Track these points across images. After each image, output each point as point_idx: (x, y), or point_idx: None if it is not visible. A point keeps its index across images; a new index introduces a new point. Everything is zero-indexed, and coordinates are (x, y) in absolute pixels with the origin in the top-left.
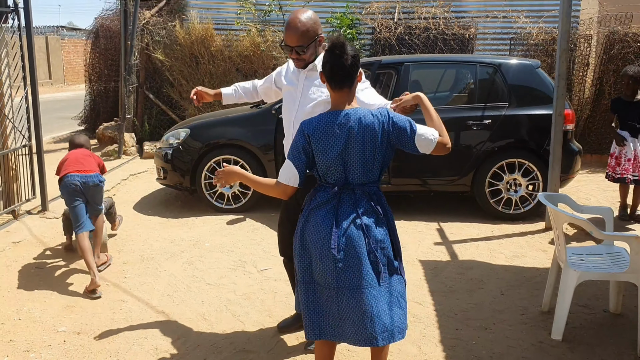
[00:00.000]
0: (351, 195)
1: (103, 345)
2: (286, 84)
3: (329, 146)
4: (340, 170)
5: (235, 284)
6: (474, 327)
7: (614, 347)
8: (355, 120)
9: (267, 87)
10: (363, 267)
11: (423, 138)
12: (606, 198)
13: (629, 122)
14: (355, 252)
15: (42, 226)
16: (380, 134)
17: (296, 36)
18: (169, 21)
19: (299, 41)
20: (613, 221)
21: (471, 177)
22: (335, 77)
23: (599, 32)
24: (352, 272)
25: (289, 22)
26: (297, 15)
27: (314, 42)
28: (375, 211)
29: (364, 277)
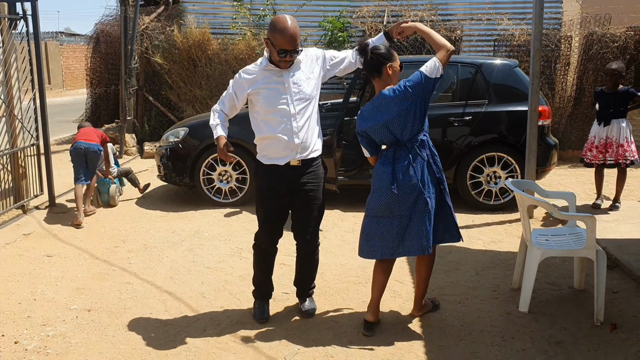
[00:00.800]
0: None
1: (112, 319)
2: (261, 87)
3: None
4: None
5: (232, 268)
6: (449, 301)
7: (574, 317)
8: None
9: (232, 106)
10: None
11: (432, 69)
12: (584, 190)
13: (605, 111)
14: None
15: (49, 220)
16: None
17: (295, 40)
18: (168, 26)
19: (297, 45)
20: (575, 205)
21: (454, 171)
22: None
23: (579, 33)
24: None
25: (286, 29)
26: (288, 21)
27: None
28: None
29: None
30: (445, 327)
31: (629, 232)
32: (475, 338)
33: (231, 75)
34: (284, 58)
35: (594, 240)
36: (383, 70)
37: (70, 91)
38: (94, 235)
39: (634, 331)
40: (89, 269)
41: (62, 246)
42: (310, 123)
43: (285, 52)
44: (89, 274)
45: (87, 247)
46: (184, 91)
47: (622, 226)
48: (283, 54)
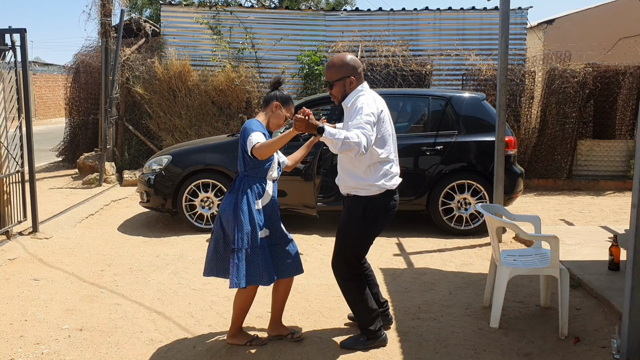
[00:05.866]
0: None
1: (104, 338)
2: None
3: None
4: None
5: (218, 289)
6: (424, 318)
7: (540, 331)
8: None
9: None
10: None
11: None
12: (548, 216)
13: None
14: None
15: (34, 245)
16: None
17: (326, 72)
18: (148, 57)
19: (327, 76)
20: (540, 227)
21: (426, 197)
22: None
23: (542, 68)
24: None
25: (329, 60)
26: (336, 55)
27: (340, 80)
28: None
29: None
30: (422, 341)
31: (591, 254)
32: (450, 351)
33: (210, 105)
34: (327, 88)
35: (558, 259)
36: (269, 105)
37: (42, 120)
38: (79, 260)
39: (595, 344)
40: (77, 291)
41: (49, 270)
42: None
43: (326, 82)
44: (77, 296)
45: (73, 271)
46: (164, 120)
47: (584, 249)
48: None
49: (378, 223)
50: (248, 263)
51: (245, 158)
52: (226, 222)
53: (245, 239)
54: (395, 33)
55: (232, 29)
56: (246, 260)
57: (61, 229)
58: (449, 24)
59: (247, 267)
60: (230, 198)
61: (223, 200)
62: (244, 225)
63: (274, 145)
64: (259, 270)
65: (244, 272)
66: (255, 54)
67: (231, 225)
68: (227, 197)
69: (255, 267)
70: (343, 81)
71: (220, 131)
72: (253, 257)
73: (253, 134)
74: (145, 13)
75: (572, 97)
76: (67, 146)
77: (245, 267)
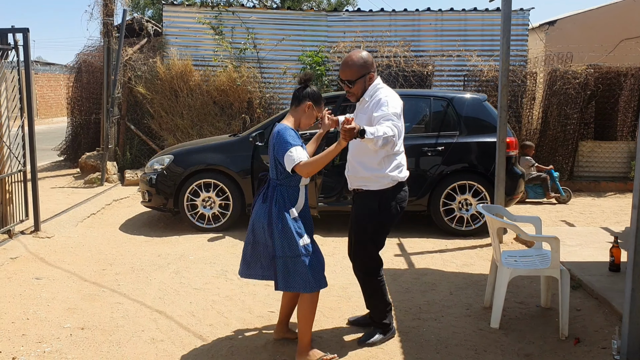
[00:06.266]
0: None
1: (106, 337)
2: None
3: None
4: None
5: (219, 288)
6: (425, 319)
7: (541, 332)
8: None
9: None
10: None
11: (290, 158)
12: (549, 217)
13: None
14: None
15: (36, 244)
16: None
17: (346, 71)
18: (150, 57)
19: (347, 75)
20: (541, 228)
21: (427, 198)
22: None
23: (544, 69)
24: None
25: (344, 59)
26: (352, 53)
27: (362, 77)
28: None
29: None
30: (422, 341)
31: (591, 256)
32: (451, 351)
33: (212, 105)
34: (343, 86)
35: (558, 259)
36: (302, 104)
37: (44, 120)
38: (80, 259)
39: (595, 344)
40: (79, 290)
41: (50, 269)
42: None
43: (341, 80)
44: (79, 295)
45: (75, 270)
46: (166, 120)
47: (585, 250)
48: (341, 82)
49: (393, 214)
50: (312, 268)
51: (279, 168)
52: (260, 230)
53: (294, 248)
54: (397, 34)
55: (234, 29)
56: (309, 267)
57: (63, 228)
58: (450, 25)
59: (312, 273)
60: (264, 207)
61: (255, 208)
62: (281, 235)
63: (320, 163)
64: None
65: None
66: (257, 54)
67: (266, 233)
68: (260, 205)
69: (314, 273)
70: (364, 78)
71: (222, 131)
72: (306, 263)
73: (293, 149)
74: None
75: (574, 98)
76: (69, 145)
77: (310, 273)
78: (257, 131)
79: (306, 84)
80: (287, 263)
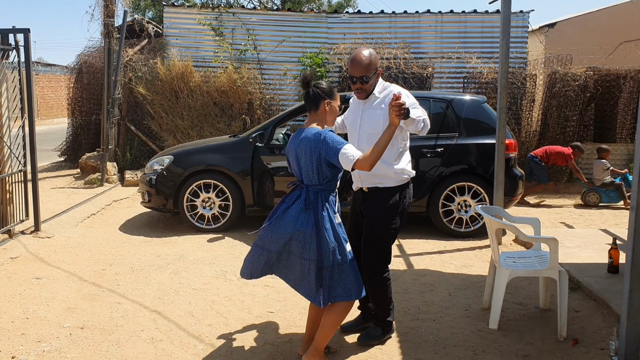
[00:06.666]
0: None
1: (105, 336)
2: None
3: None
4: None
5: (218, 289)
6: (424, 319)
7: (539, 333)
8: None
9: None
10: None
11: (345, 156)
12: (548, 219)
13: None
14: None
15: (36, 244)
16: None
17: (360, 68)
18: (151, 58)
19: (362, 72)
20: (540, 229)
21: (426, 199)
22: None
23: (543, 72)
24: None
25: (354, 57)
26: (361, 51)
27: (374, 73)
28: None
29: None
30: (421, 342)
31: (590, 257)
32: (449, 352)
33: (212, 106)
34: (354, 85)
35: (557, 261)
36: (320, 106)
37: (45, 120)
38: (80, 259)
39: (593, 346)
40: (79, 290)
41: (50, 269)
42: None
43: (354, 79)
44: (78, 295)
45: (74, 270)
46: (166, 121)
47: (584, 251)
48: (353, 81)
49: (407, 210)
50: (355, 275)
51: (323, 171)
52: (300, 240)
53: (340, 255)
54: (397, 36)
55: (234, 31)
56: (352, 274)
57: (63, 229)
58: (450, 27)
59: (354, 281)
60: (306, 215)
61: (290, 216)
62: (330, 242)
63: (379, 152)
64: (359, 282)
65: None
66: (257, 56)
67: (311, 243)
68: (300, 213)
69: (357, 280)
70: (376, 73)
71: (222, 132)
72: (350, 270)
73: (346, 147)
74: (148, 14)
75: (573, 100)
76: (70, 146)
77: (353, 280)
78: (257, 132)
79: (308, 85)
80: (334, 272)
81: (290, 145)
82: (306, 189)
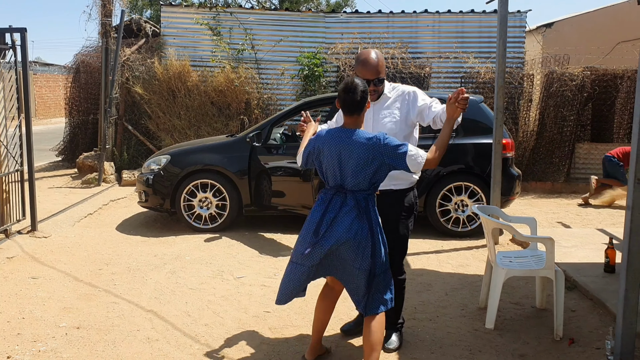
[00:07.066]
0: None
1: (101, 336)
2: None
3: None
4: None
5: (215, 289)
6: (420, 319)
7: (535, 333)
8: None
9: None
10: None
11: (413, 158)
12: (545, 219)
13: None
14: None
15: (32, 244)
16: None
17: (374, 70)
18: (148, 58)
19: (376, 74)
20: (536, 229)
21: (424, 199)
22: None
23: (541, 72)
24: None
25: (366, 60)
26: (369, 52)
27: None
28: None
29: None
30: (417, 341)
31: (587, 257)
32: (446, 351)
33: (210, 106)
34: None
35: (553, 260)
36: (364, 108)
37: (42, 120)
38: (77, 259)
39: (589, 345)
40: (75, 290)
41: (46, 269)
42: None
43: (368, 82)
44: (75, 295)
45: (71, 270)
46: (163, 121)
47: (580, 251)
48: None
49: (416, 211)
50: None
51: (379, 177)
52: (354, 247)
53: (385, 261)
54: (394, 35)
55: (232, 30)
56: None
57: (60, 228)
58: (448, 27)
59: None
60: (360, 223)
61: (347, 225)
62: (382, 249)
63: (443, 148)
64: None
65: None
66: (255, 55)
67: (367, 252)
68: (355, 221)
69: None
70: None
71: (220, 132)
72: (391, 277)
73: (409, 146)
74: (145, 14)
75: (571, 100)
76: (67, 146)
77: (392, 287)
78: (255, 131)
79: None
80: (382, 279)
81: (324, 147)
82: (353, 195)
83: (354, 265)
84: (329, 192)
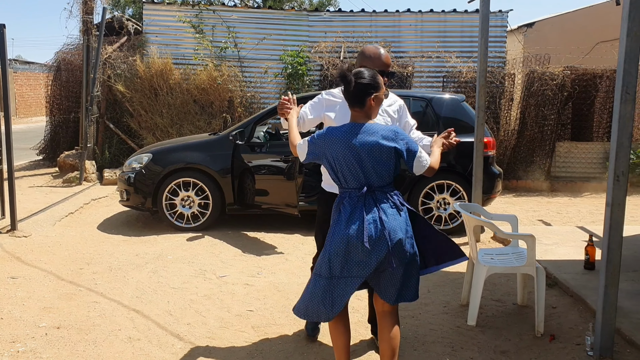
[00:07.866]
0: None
1: (82, 336)
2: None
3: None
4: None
5: (197, 288)
6: (403, 316)
7: (517, 329)
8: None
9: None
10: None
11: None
12: (527, 217)
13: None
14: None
15: (12, 243)
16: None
17: (386, 62)
18: (130, 56)
19: (387, 66)
20: (517, 226)
21: (406, 197)
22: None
23: (522, 71)
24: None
25: (376, 53)
26: (378, 48)
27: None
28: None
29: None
30: (400, 338)
31: (567, 254)
32: (428, 348)
33: (192, 104)
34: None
35: (534, 257)
36: (366, 102)
37: (23, 119)
38: (57, 258)
39: (570, 341)
40: (55, 289)
41: (26, 268)
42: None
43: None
44: (55, 294)
45: (51, 269)
46: (145, 119)
47: (561, 248)
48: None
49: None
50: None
51: (398, 170)
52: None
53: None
54: (377, 34)
55: (214, 28)
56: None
57: (40, 228)
58: (430, 26)
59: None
60: (399, 219)
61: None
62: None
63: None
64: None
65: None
66: (238, 53)
67: (409, 243)
68: (395, 218)
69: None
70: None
71: (202, 130)
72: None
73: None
74: (127, 11)
75: (551, 99)
76: (48, 144)
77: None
78: (238, 130)
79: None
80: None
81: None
82: (382, 191)
83: (401, 262)
84: (353, 194)
